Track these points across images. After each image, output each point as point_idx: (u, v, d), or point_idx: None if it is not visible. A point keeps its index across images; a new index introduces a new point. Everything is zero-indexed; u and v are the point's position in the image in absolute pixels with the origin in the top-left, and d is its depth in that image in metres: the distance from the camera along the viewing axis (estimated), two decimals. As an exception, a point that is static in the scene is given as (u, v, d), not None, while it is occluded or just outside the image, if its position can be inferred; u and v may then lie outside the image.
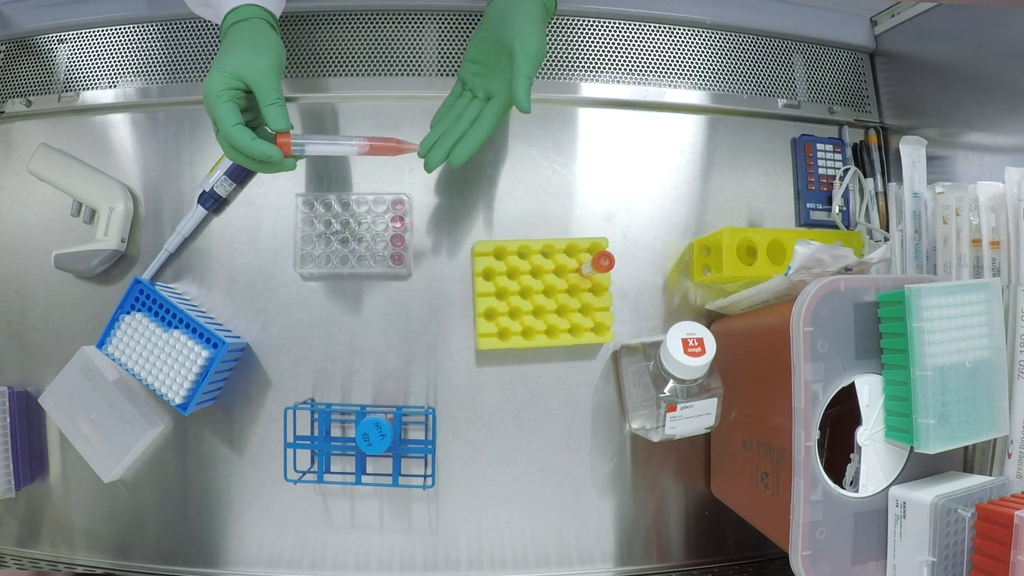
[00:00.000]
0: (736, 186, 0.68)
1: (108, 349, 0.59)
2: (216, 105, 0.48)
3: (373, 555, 0.63)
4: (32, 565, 0.63)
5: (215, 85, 0.48)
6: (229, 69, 0.48)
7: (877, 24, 0.73)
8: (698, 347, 0.51)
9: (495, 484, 0.63)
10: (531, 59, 0.50)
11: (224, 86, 0.48)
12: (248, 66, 0.49)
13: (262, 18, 0.52)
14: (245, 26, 0.51)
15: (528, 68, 0.50)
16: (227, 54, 0.49)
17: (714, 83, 0.70)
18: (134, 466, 0.63)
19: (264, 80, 0.49)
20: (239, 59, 0.49)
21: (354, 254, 0.62)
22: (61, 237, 0.64)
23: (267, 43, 0.51)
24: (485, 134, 0.54)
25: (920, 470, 0.48)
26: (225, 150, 0.49)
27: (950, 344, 0.44)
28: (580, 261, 0.61)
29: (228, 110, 0.48)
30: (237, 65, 0.49)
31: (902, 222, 0.60)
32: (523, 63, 0.50)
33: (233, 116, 0.48)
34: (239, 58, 0.49)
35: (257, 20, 0.52)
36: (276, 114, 0.49)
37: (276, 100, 0.49)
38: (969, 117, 0.61)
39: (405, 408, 0.62)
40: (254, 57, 0.49)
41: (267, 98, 0.49)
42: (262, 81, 0.49)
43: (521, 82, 0.50)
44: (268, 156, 0.48)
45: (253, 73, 0.49)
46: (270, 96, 0.49)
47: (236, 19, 0.51)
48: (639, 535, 0.65)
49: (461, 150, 0.53)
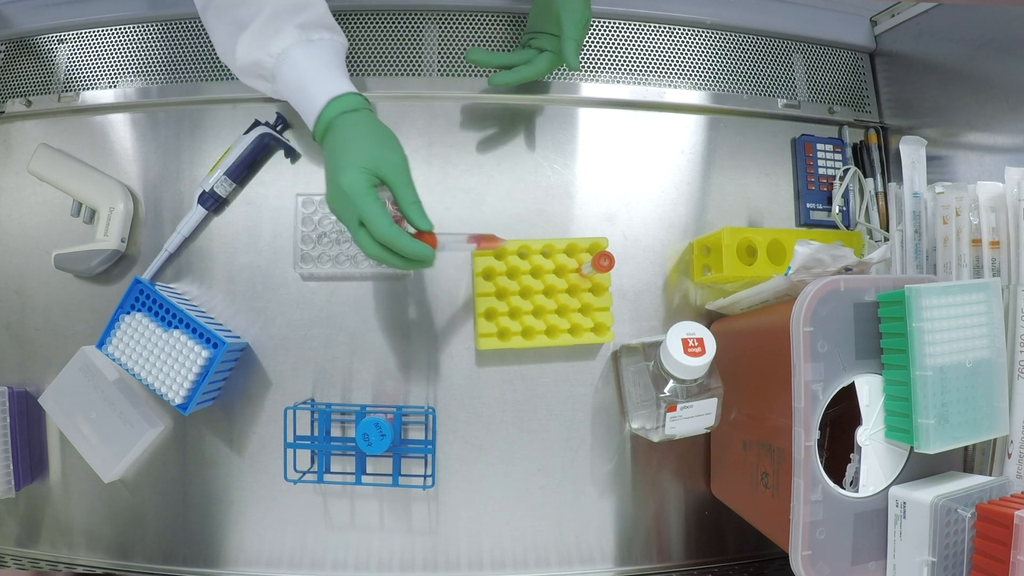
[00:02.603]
0: (736, 186, 0.68)
1: (108, 349, 0.59)
2: (366, 204, 0.46)
3: (373, 555, 0.63)
4: (32, 565, 0.63)
5: (360, 183, 0.47)
6: (367, 165, 0.47)
7: (877, 24, 0.73)
8: (698, 347, 0.51)
9: (495, 484, 0.63)
10: (577, 24, 0.56)
11: (369, 183, 0.47)
12: (384, 162, 0.48)
13: (368, 109, 0.52)
14: (360, 117, 0.50)
15: (575, 32, 0.55)
16: (355, 149, 0.48)
17: (714, 83, 0.70)
18: (134, 466, 0.63)
19: (402, 177, 0.48)
20: (374, 154, 0.48)
21: (354, 254, 0.62)
22: (61, 237, 0.64)
23: (391, 137, 0.50)
24: (528, 76, 0.60)
25: (920, 470, 0.48)
26: (368, 247, 0.47)
27: (950, 344, 0.44)
28: (580, 261, 0.61)
29: (381, 209, 0.46)
30: (374, 161, 0.48)
31: (902, 222, 0.60)
32: (570, 28, 0.55)
33: (386, 215, 0.46)
34: (374, 153, 0.48)
35: (367, 112, 0.51)
36: (419, 214, 0.48)
37: (416, 199, 0.49)
38: (969, 117, 0.61)
39: (405, 408, 0.62)
40: (387, 152, 0.49)
41: (408, 197, 0.48)
42: (401, 179, 0.48)
43: (569, 44, 0.55)
44: (424, 256, 0.47)
45: (391, 170, 0.48)
46: (411, 195, 0.48)
47: (346, 108, 0.50)
48: (639, 535, 0.65)
49: (503, 78, 0.60)
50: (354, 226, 0.47)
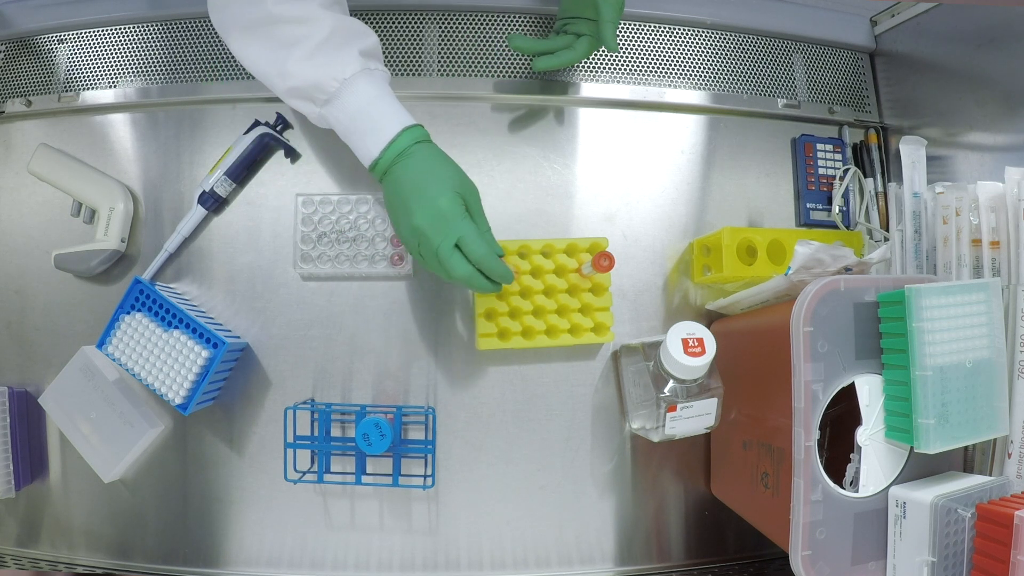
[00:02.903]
0: (736, 186, 0.68)
1: (108, 349, 0.59)
2: (466, 226, 0.49)
3: (373, 555, 0.63)
4: (32, 565, 0.63)
5: (459, 206, 0.50)
6: (459, 190, 0.50)
7: (877, 24, 0.73)
8: (698, 347, 0.51)
9: (495, 484, 0.63)
10: (613, 7, 0.57)
11: (463, 207, 0.50)
12: (470, 189, 0.52)
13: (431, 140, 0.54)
14: (433, 148, 0.53)
15: (612, 15, 0.57)
16: (446, 175, 0.51)
17: (714, 83, 0.70)
18: (134, 466, 0.63)
19: (480, 205, 0.52)
20: (462, 181, 0.51)
21: (354, 254, 0.62)
22: (61, 237, 0.64)
23: (457, 165, 0.53)
24: (570, 60, 0.61)
25: (920, 470, 0.48)
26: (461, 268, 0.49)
27: (950, 344, 0.44)
28: (580, 261, 0.61)
29: (477, 232, 0.50)
30: (463, 187, 0.51)
31: (902, 222, 0.60)
32: (607, 11, 0.56)
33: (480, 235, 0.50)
34: (461, 179, 0.51)
35: (433, 143, 0.53)
36: (493, 240, 0.52)
37: (489, 227, 0.53)
38: (969, 117, 0.61)
39: (405, 408, 0.62)
40: (468, 180, 0.52)
41: (484, 224, 0.52)
42: (479, 206, 0.52)
43: (606, 27, 0.57)
44: (506, 277, 0.51)
45: (475, 198, 0.52)
46: (485, 223, 0.53)
47: (419, 138, 0.52)
48: (639, 535, 0.65)
49: (548, 62, 0.61)
50: (448, 248, 0.49)
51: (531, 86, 0.67)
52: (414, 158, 0.51)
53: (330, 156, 0.65)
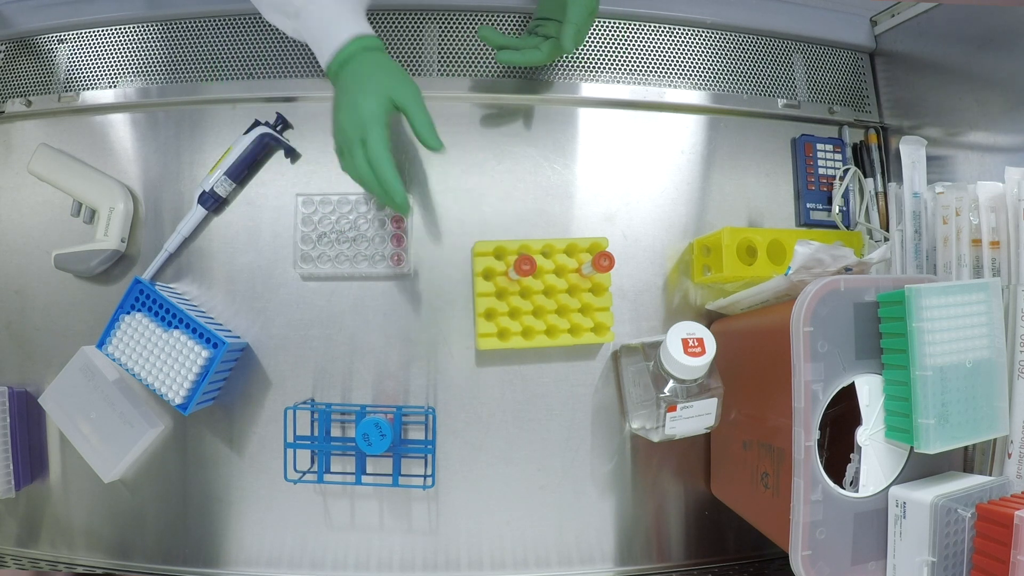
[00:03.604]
0: (736, 186, 0.68)
1: (108, 349, 0.59)
2: (376, 127, 0.50)
3: (373, 555, 0.63)
4: (32, 565, 0.63)
5: (378, 108, 0.50)
6: (388, 93, 0.51)
7: (877, 24, 0.73)
8: (698, 347, 0.51)
9: (495, 484, 0.63)
10: (581, 10, 0.56)
11: (385, 111, 0.51)
12: (403, 91, 0.51)
13: (384, 50, 0.54)
14: (381, 55, 0.53)
15: (576, 17, 0.56)
16: (378, 79, 0.51)
17: (714, 83, 0.70)
18: (134, 466, 0.63)
19: (418, 104, 0.52)
20: (394, 85, 0.51)
21: (354, 254, 0.62)
22: (61, 237, 0.64)
23: (405, 73, 0.53)
24: (534, 60, 0.61)
25: (920, 470, 0.48)
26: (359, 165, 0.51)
27: (950, 344, 0.44)
28: (580, 261, 0.61)
29: (385, 136, 0.50)
30: (394, 90, 0.51)
31: (902, 222, 0.60)
32: (573, 12, 0.56)
33: (387, 143, 0.50)
34: (393, 84, 0.51)
35: (383, 52, 0.54)
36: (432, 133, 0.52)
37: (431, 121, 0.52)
38: (969, 117, 0.61)
39: (405, 408, 0.62)
40: (405, 83, 0.52)
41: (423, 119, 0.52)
42: (417, 105, 0.52)
43: (568, 27, 0.56)
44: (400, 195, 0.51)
45: (409, 98, 0.52)
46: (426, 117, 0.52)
47: (368, 47, 0.52)
48: (639, 535, 0.65)
49: (511, 56, 0.61)
50: (354, 144, 0.50)
51: (531, 86, 0.67)
52: (355, 64, 0.52)
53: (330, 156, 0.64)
